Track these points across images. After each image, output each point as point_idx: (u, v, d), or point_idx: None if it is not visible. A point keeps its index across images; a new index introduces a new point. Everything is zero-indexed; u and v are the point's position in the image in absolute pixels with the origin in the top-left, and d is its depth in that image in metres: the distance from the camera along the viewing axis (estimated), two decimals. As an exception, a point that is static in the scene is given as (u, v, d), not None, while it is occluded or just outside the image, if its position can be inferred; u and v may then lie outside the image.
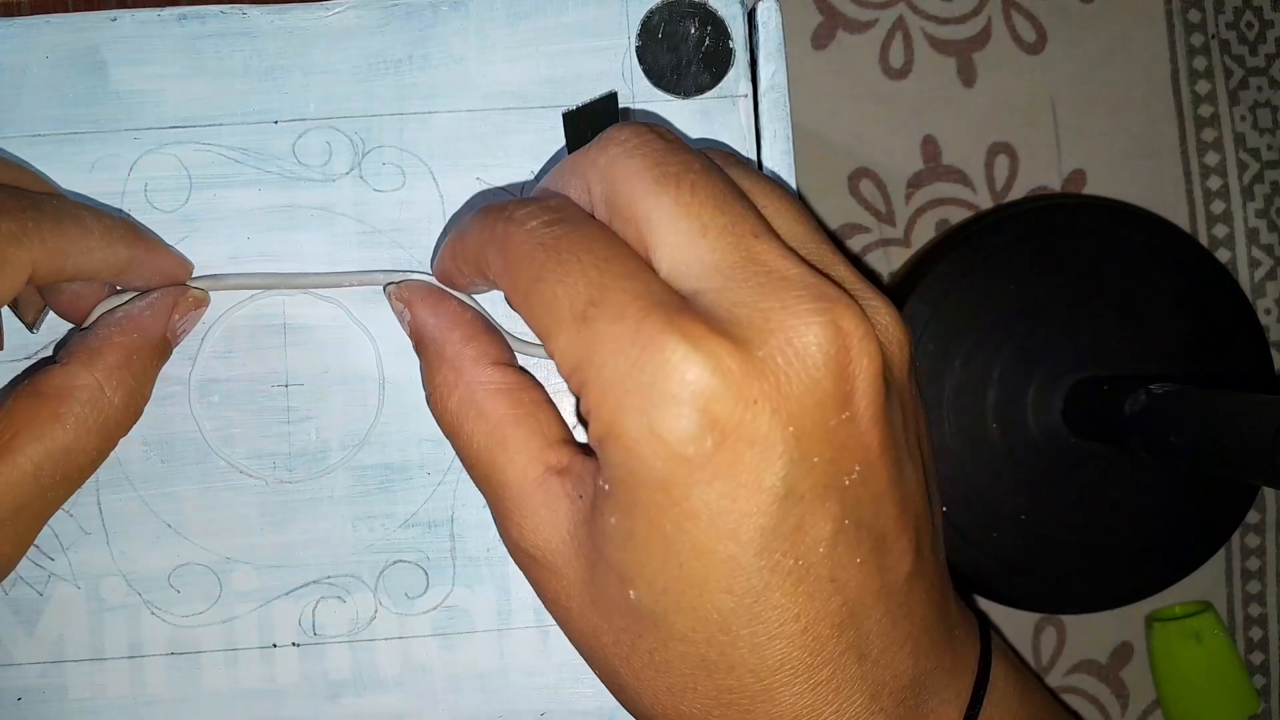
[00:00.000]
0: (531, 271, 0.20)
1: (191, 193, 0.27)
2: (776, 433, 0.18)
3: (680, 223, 0.19)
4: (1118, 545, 0.40)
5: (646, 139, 0.20)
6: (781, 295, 0.18)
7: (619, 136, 0.20)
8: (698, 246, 0.19)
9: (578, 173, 0.21)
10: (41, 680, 0.26)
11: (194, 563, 0.26)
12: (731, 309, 0.18)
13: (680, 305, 0.19)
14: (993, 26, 0.43)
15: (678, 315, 0.18)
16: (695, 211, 0.19)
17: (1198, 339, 0.40)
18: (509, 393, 0.23)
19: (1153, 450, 0.34)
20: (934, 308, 0.39)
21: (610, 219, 0.20)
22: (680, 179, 0.19)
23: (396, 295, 0.25)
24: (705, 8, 0.27)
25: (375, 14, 0.27)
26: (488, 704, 0.27)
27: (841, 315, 0.18)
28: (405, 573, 0.27)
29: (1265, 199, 0.44)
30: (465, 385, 0.23)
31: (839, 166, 0.42)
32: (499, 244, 0.21)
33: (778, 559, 0.19)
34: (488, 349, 0.24)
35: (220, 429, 0.27)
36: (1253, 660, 0.44)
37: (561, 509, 0.21)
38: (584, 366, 0.19)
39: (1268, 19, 0.44)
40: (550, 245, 0.20)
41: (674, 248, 0.19)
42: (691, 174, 0.20)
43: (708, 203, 0.19)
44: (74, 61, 0.26)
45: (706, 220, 0.19)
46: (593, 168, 0.21)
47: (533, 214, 0.20)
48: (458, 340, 0.23)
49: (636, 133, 0.20)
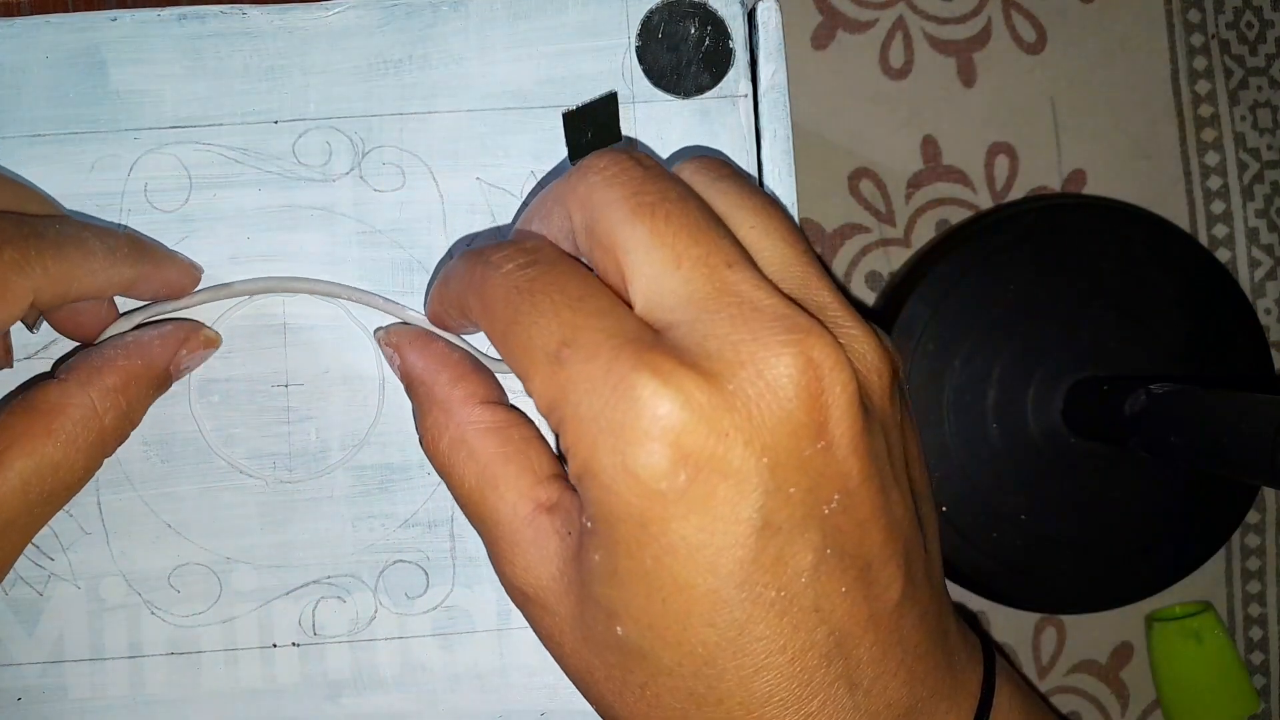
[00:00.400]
0: (508, 315, 0.20)
1: (191, 193, 0.27)
2: (750, 464, 0.18)
3: (655, 254, 0.19)
4: (1118, 545, 0.40)
5: (624, 167, 0.20)
6: (752, 326, 0.18)
7: (597, 164, 0.21)
8: (672, 278, 0.19)
9: (560, 201, 0.21)
10: (41, 680, 0.26)
11: (194, 563, 0.26)
12: (703, 342, 0.18)
13: (651, 341, 0.19)
14: (993, 26, 0.43)
15: (647, 351, 0.18)
16: (669, 242, 0.19)
17: (1198, 339, 0.40)
18: (498, 431, 0.23)
19: (1153, 450, 0.34)
20: (934, 308, 0.39)
21: (590, 248, 0.21)
22: (655, 209, 0.20)
23: (385, 340, 0.25)
24: (705, 8, 0.27)
25: (375, 14, 0.27)
26: (488, 704, 0.27)
27: (812, 345, 0.18)
28: (405, 573, 0.27)
29: (1265, 199, 0.44)
30: (455, 426, 0.23)
31: (839, 166, 0.42)
32: (477, 289, 0.21)
33: (759, 590, 0.19)
34: (476, 388, 0.24)
35: (220, 429, 0.27)
36: (1253, 660, 0.44)
37: (551, 546, 0.22)
38: (560, 406, 0.19)
39: (1268, 19, 0.44)
40: (524, 288, 0.20)
41: (649, 279, 0.19)
42: (667, 203, 0.20)
43: (681, 233, 0.19)
44: (74, 61, 0.26)
45: (680, 251, 0.19)
46: (573, 195, 0.21)
47: (508, 257, 0.21)
48: (446, 382, 0.24)
49: (614, 160, 0.21)
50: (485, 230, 0.27)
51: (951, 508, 0.39)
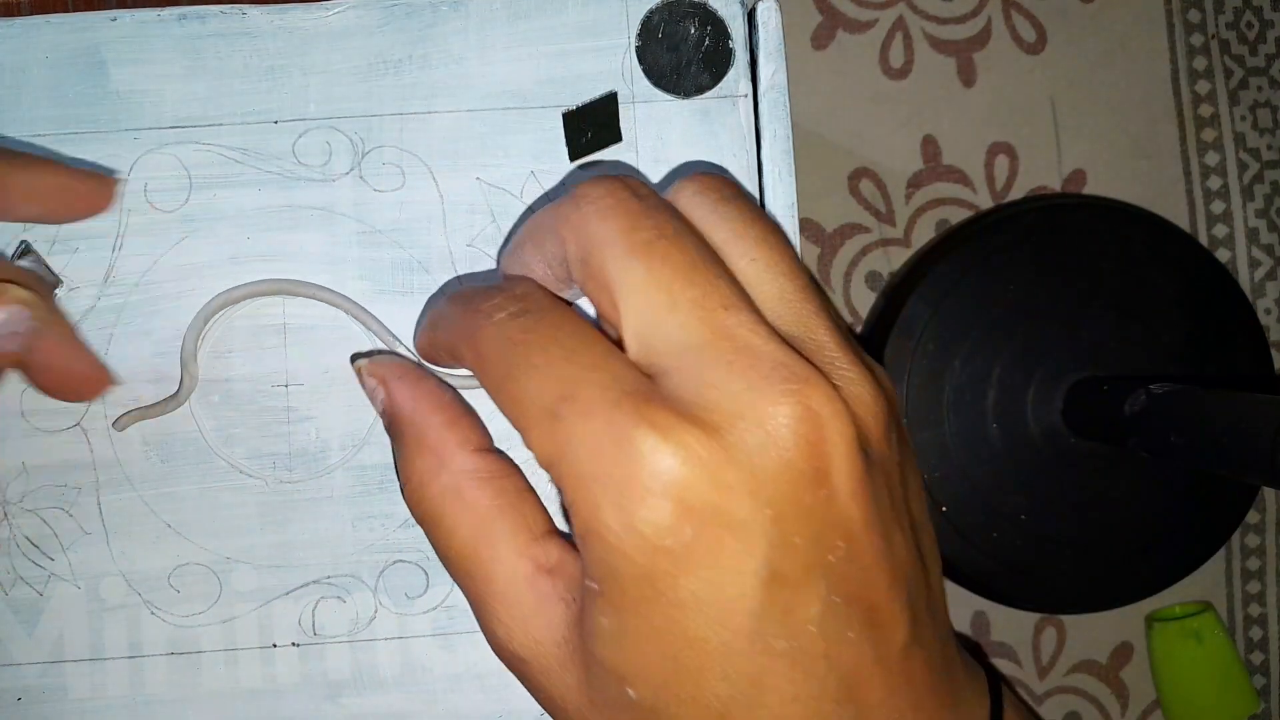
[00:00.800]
0: (502, 368, 0.20)
1: (191, 193, 0.27)
2: (754, 516, 0.18)
3: (650, 296, 0.19)
4: (1118, 545, 0.40)
5: (620, 198, 0.20)
6: (749, 375, 0.18)
7: (592, 193, 0.20)
8: (667, 322, 0.19)
9: (554, 229, 0.21)
10: (41, 680, 0.26)
11: (194, 563, 0.26)
12: (701, 391, 0.18)
13: (648, 393, 0.18)
14: (993, 26, 0.43)
15: (645, 405, 0.18)
16: (665, 284, 0.19)
17: (1198, 339, 0.40)
18: (492, 482, 0.22)
19: (1153, 450, 0.34)
20: (934, 308, 0.39)
21: (584, 280, 0.20)
22: (651, 247, 0.19)
23: (370, 372, 0.24)
24: (705, 8, 0.27)
25: (375, 14, 0.27)
26: (488, 704, 0.27)
27: (811, 394, 0.18)
28: (405, 573, 0.27)
29: (1265, 199, 0.44)
30: (449, 474, 0.22)
31: (839, 166, 0.42)
32: (469, 338, 0.21)
33: (769, 642, 0.19)
34: (469, 434, 0.23)
35: (220, 429, 0.27)
36: (1253, 660, 0.44)
37: (555, 612, 0.21)
38: (559, 462, 0.19)
39: (1268, 19, 0.44)
40: (518, 340, 0.20)
41: (644, 322, 0.19)
42: (663, 241, 0.19)
43: (677, 275, 0.19)
44: (74, 61, 0.26)
45: (676, 293, 0.19)
46: (566, 224, 0.20)
47: (499, 306, 0.20)
48: (440, 424, 0.23)
49: (610, 190, 0.20)
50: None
51: (951, 508, 0.39)
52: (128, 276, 0.26)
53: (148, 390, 0.26)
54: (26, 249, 0.26)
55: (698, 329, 0.19)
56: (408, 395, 0.23)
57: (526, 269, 0.22)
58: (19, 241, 0.26)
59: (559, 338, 0.20)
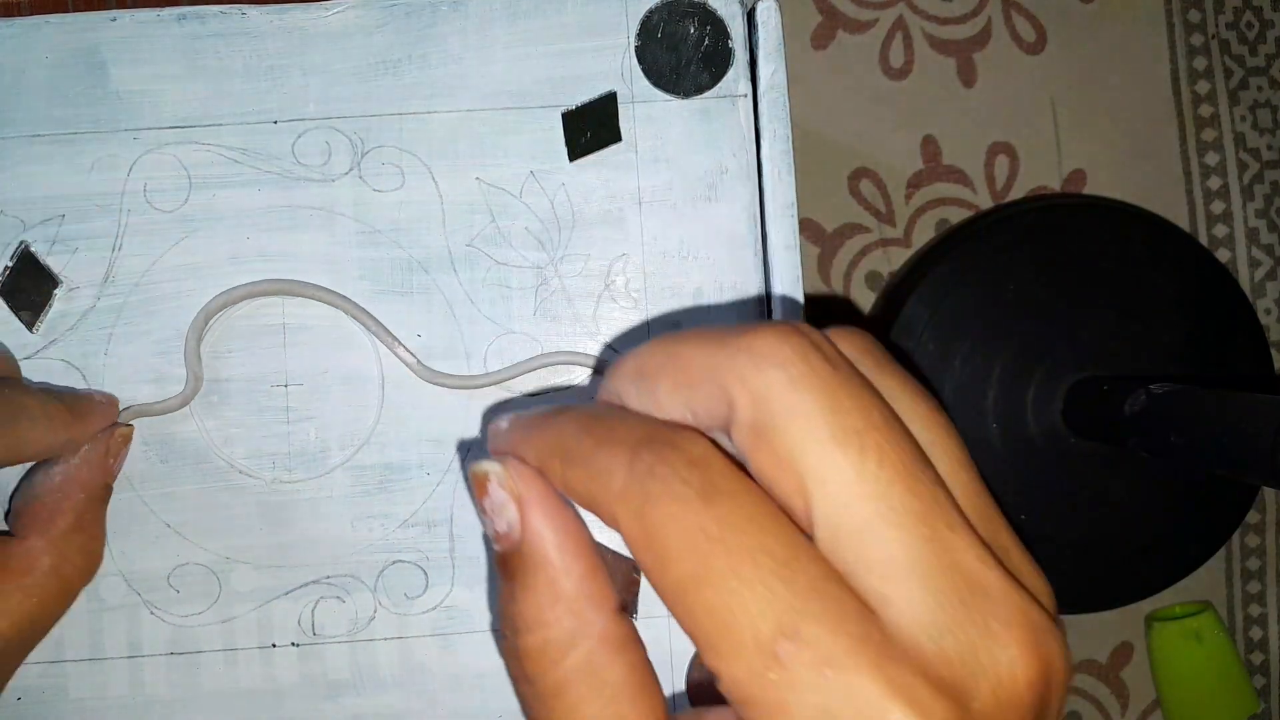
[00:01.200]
0: (693, 568, 0.17)
1: (191, 193, 0.27)
2: None
3: (865, 503, 0.17)
4: (1118, 545, 0.40)
5: (812, 363, 0.17)
6: (987, 619, 0.16)
7: (776, 354, 0.17)
8: (884, 535, 0.17)
9: (715, 379, 0.18)
10: (41, 680, 0.26)
11: (193, 563, 0.26)
12: (938, 640, 0.16)
13: (883, 643, 0.16)
14: (993, 27, 0.43)
15: (887, 662, 0.16)
16: (883, 491, 0.17)
17: (1198, 339, 0.40)
18: (625, 653, 0.19)
19: (1153, 450, 0.34)
20: (934, 308, 0.39)
21: (754, 448, 0.17)
22: (864, 440, 0.17)
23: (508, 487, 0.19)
24: (705, 7, 0.27)
25: (374, 14, 0.27)
26: (487, 704, 0.27)
27: (1048, 647, 0.17)
28: (404, 573, 0.27)
29: (1265, 199, 0.44)
30: (587, 641, 0.19)
31: (839, 166, 0.42)
32: (637, 512, 0.17)
33: None
34: (606, 588, 0.19)
35: (220, 429, 0.27)
36: (1253, 660, 0.44)
37: None
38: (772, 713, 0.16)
39: (1268, 19, 0.44)
40: (716, 536, 0.16)
41: (850, 526, 0.17)
42: (875, 433, 0.17)
43: (897, 481, 0.17)
44: (74, 62, 0.26)
45: (896, 503, 0.17)
46: (740, 383, 0.17)
47: (681, 476, 0.17)
48: (581, 574, 0.19)
49: (798, 351, 0.17)
50: (487, 226, 0.27)
51: (951, 508, 0.39)
52: (127, 277, 0.26)
53: (148, 390, 0.26)
54: (26, 249, 0.26)
55: (923, 551, 0.17)
56: (550, 528, 0.19)
57: (657, 407, 0.19)
58: (19, 241, 0.26)
59: (767, 544, 0.17)
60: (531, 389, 0.27)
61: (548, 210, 0.27)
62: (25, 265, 0.26)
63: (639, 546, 0.17)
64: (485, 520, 0.20)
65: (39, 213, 0.26)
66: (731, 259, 0.27)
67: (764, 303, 0.27)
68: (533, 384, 0.27)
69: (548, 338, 0.27)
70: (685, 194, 0.27)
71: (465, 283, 0.27)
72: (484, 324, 0.27)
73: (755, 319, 0.27)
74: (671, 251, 0.27)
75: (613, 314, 0.27)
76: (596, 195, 0.27)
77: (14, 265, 0.26)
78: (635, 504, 0.17)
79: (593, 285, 0.27)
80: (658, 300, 0.27)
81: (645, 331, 0.28)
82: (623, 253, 0.27)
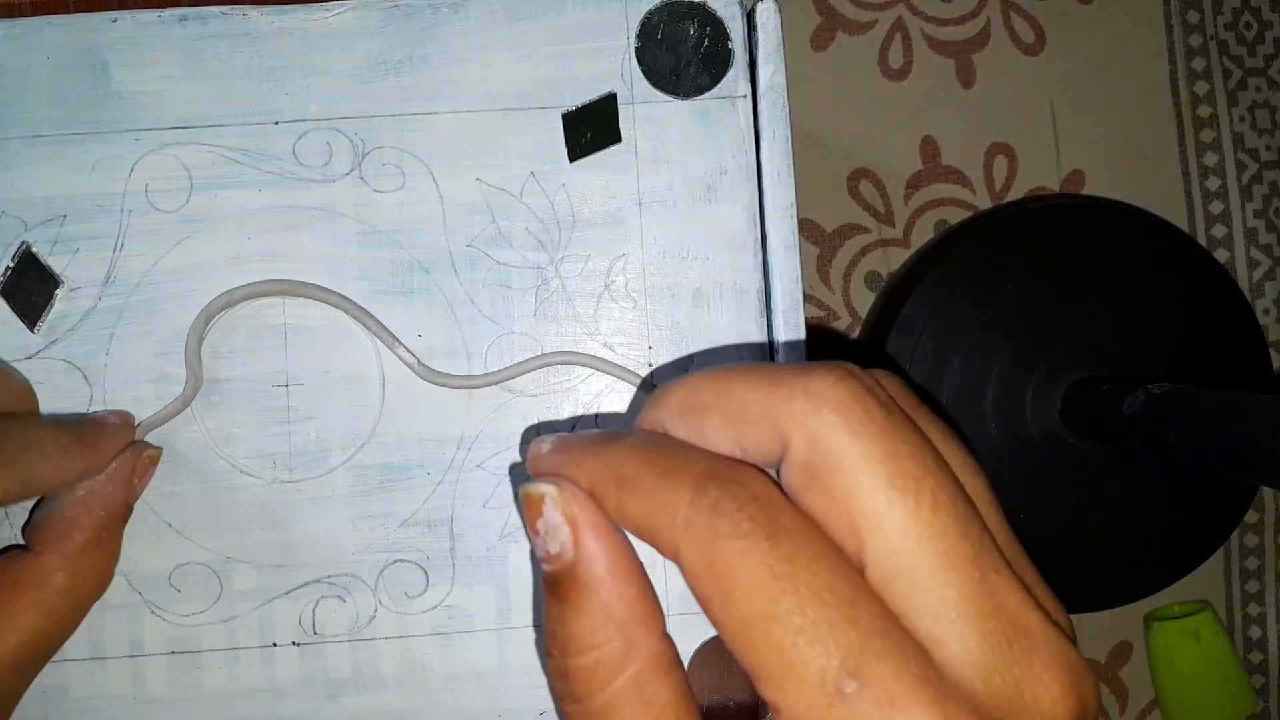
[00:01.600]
0: (759, 605, 0.17)
1: (192, 194, 0.27)
2: None
3: (919, 546, 0.17)
4: (1118, 545, 0.40)
5: (868, 407, 0.18)
6: (1029, 659, 0.17)
7: (832, 398, 0.18)
8: (937, 578, 0.17)
9: (769, 418, 0.19)
10: (41, 680, 0.26)
11: (194, 562, 0.26)
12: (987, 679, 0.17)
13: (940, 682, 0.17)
14: (992, 27, 0.43)
15: (945, 700, 0.17)
16: (938, 535, 0.17)
17: (1197, 339, 0.40)
18: (671, 674, 0.20)
19: (1152, 450, 0.34)
20: (933, 308, 0.39)
21: (807, 488, 0.18)
22: (920, 486, 0.18)
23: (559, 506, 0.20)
24: (704, 8, 0.27)
25: (375, 15, 0.27)
26: (487, 704, 0.27)
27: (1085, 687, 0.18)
28: (405, 572, 0.27)
29: (1264, 199, 0.44)
30: (638, 663, 0.19)
31: (839, 166, 0.42)
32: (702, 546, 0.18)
33: None
34: (656, 609, 0.20)
35: (221, 429, 0.27)
36: (1251, 660, 0.44)
37: None
38: None
39: (1266, 20, 0.44)
40: (782, 574, 0.17)
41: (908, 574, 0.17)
42: (930, 479, 0.18)
43: (951, 527, 0.17)
44: (75, 62, 0.27)
45: (948, 549, 0.17)
46: (796, 424, 0.18)
47: (743, 509, 0.18)
48: (633, 598, 0.19)
49: (856, 398, 0.18)
50: (486, 227, 0.27)
51: (951, 508, 0.39)
52: (129, 277, 0.27)
53: (148, 390, 0.26)
54: (27, 249, 0.26)
55: (973, 594, 0.17)
56: (603, 551, 0.20)
57: (705, 440, 0.20)
58: (20, 242, 0.26)
59: (832, 582, 0.17)
60: (532, 389, 0.27)
61: (548, 211, 0.27)
62: (27, 265, 0.26)
63: (701, 579, 0.18)
64: (536, 541, 0.20)
65: (40, 213, 0.26)
66: (731, 259, 0.27)
67: (764, 302, 0.27)
68: (533, 384, 0.27)
69: (548, 338, 0.27)
70: (685, 194, 0.27)
71: (466, 283, 0.27)
72: (484, 324, 0.27)
73: (756, 319, 0.27)
74: (671, 252, 0.27)
75: (613, 314, 0.27)
76: (596, 196, 0.27)
77: (15, 265, 0.26)
78: (700, 538, 0.18)
79: (593, 285, 0.27)
80: (658, 300, 0.27)
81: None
82: (623, 253, 0.27)
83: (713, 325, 0.27)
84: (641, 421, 0.21)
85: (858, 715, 0.16)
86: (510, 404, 0.27)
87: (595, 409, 0.27)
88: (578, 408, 0.27)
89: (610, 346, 0.27)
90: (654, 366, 0.27)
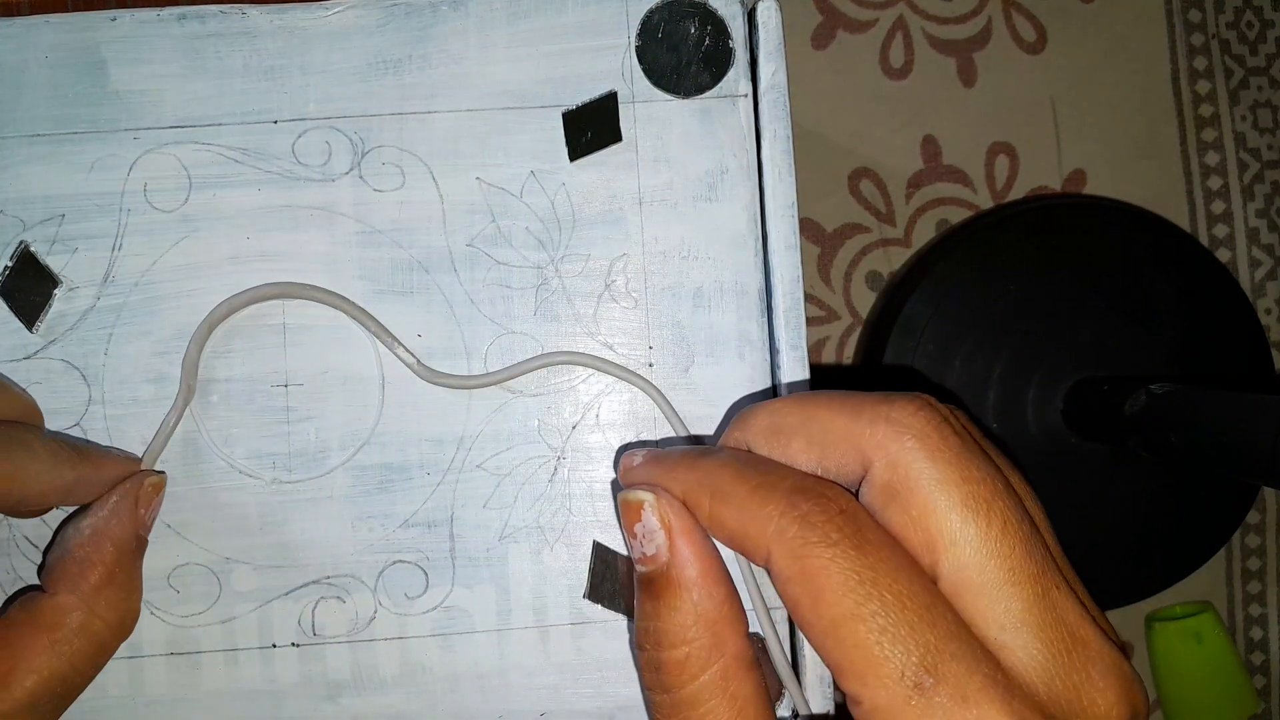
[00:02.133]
0: (847, 606, 0.19)
1: (191, 193, 0.27)
2: None
3: (990, 562, 0.19)
4: (1118, 545, 0.40)
5: (945, 437, 0.20)
6: (1087, 667, 0.19)
7: (914, 424, 0.20)
8: (1005, 593, 0.19)
9: (852, 443, 0.20)
10: (41, 680, 0.26)
11: (193, 563, 0.26)
12: (1050, 684, 0.19)
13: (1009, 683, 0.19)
14: (993, 26, 0.43)
15: (1013, 699, 0.18)
16: (1005, 553, 0.19)
17: (1198, 339, 0.40)
18: (753, 670, 0.21)
19: (1153, 450, 0.34)
20: (934, 308, 0.39)
21: (886, 506, 0.20)
22: (991, 508, 0.19)
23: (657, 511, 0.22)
24: (705, 7, 0.27)
25: (375, 14, 0.27)
26: (487, 704, 0.27)
27: (1136, 695, 0.19)
28: (405, 573, 0.27)
29: (1265, 199, 0.44)
30: (724, 659, 0.21)
31: (839, 166, 0.42)
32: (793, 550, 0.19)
33: None
34: (741, 611, 0.22)
35: (220, 429, 0.27)
36: (1253, 660, 0.44)
37: None
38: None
39: (1268, 19, 0.44)
40: (868, 580, 0.19)
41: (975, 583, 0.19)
42: (1000, 502, 0.19)
43: (1018, 547, 0.19)
44: (74, 61, 0.26)
45: (1015, 566, 0.19)
46: (878, 449, 0.20)
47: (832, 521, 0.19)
48: (722, 598, 0.21)
49: (934, 426, 0.20)
50: (487, 229, 0.27)
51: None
52: (127, 276, 0.26)
53: (147, 390, 0.26)
54: (26, 249, 0.26)
55: (1036, 607, 0.19)
56: (696, 555, 0.21)
57: (788, 459, 0.21)
58: (18, 241, 0.26)
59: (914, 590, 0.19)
60: (532, 389, 0.27)
61: (548, 210, 0.27)
62: (25, 265, 0.26)
63: (792, 582, 0.20)
64: (632, 544, 0.22)
65: (39, 212, 0.26)
66: (732, 259, 0.27)
67: (765, 301, 0.27)
68: (533, 384, 0.27)
69: (548, 338, 0.27)
70: (685, 194, 0.27)
71: (465, 283, 0.27)
72: (484, 324, 0.27)
73: (757, 319, 0.27)
74: (672, 251, 0.27)
75: (613, 314, 0.27)
76: (597, 195, 0.27)
77: (14, 265, 0.26)
78: (792, 546, 0.19)
79: (593, 285, 0.27)
80: (658, 300, 0.27)
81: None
82: (623, 253, 0.27)
83: (713, 325, 0.27)
84: (726, 440, 0.23)
85: (934, 708, 0.18)
86: (510, 404, 0.27)
87: (596, 409, 0.27)
88: (578, 408, 0.27)
89: (611, 346, 0.27)
90: (654, 366, 0.27)
